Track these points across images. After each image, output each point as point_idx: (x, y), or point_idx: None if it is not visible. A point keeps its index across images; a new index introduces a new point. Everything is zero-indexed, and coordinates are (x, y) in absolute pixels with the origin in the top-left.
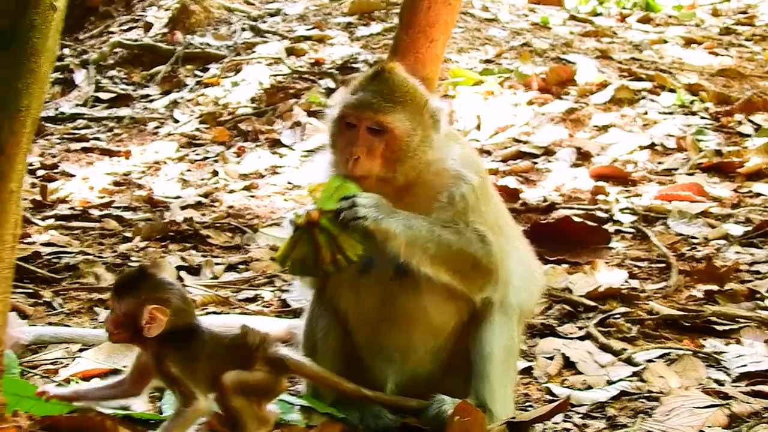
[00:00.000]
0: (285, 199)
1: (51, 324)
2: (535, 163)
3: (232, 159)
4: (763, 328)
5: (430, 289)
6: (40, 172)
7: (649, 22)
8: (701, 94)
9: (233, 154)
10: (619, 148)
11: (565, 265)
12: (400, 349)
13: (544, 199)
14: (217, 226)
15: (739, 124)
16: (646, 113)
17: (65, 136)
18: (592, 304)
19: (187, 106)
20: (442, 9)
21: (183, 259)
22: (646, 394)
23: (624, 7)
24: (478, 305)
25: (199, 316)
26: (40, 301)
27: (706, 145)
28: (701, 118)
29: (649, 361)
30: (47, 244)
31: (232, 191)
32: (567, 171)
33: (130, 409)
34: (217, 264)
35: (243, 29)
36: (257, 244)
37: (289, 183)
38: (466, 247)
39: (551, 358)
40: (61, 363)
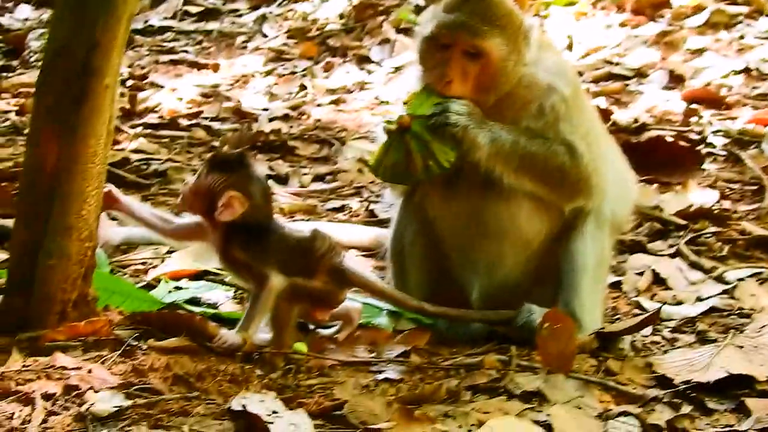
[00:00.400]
0: (373, 114)
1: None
2: (627, 85)
3: (320, 74)
4: None
5: (521, 199)
6: (129, 83)
7: None
8: None
9: (321, 69)
10: (713, 72)
11: (656, 184)
12: (489, 258)
13: (635, 120)
14: (305, 137)
15: None
16: (742, 38)
17: (154, 49)
18: (683, 222)
19: (276, 21)
20: None
21: (271, 168)
22: (737, 311)
23: None
24: (568, 215)
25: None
26: None
27: None
28: None
29: (740, 279)
30: (136, 151)
31: (319, 105)
32: (659, 93)
33: (218, 308)
34: (305, 174)
35: None
36: (345, 156)
37: (376, 99)
38: (552, 159)
39: (641, 274)
40: (151, 264)
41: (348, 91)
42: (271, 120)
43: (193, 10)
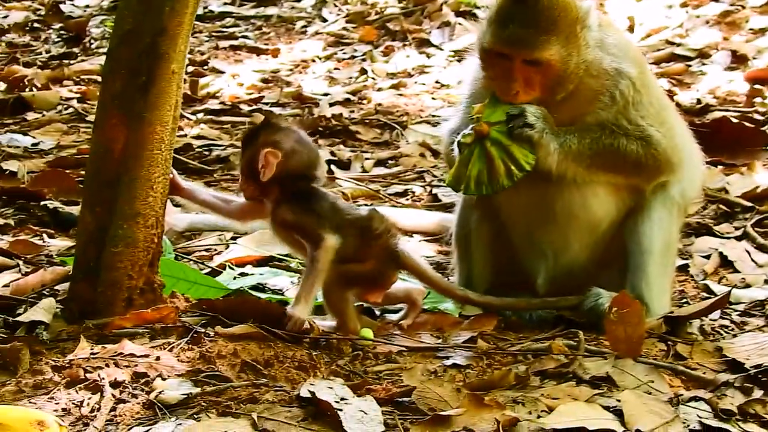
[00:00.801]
0: (433, 98)
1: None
2: (689, 65)
3: (379, 58)
4: None
5: (594, 185)
6: (190, 69)
7: None
8: None
9: (381, 53)
10: None
11: (720, 166)
12: (555, 243)
13: (699, 101)
14: (366, 122)
15: None
16: None
17: (214, 34)
18: (749, 204)
19: (335, 5)
20: None
21: (332, 153)
22: None
23: None
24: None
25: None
26: None
27: None
28: None
29: None
30: (198, 137)
31: (380, 89)
32: (722, 74)
33: (284, 294)
34: (367, 159)
35: None
36: (406, 141)
37: (437, 82)
38: (627, 154)
39: (707, 257)
40: (215, 250)
41: (408, 75)
42: (331, 105)
43: None
